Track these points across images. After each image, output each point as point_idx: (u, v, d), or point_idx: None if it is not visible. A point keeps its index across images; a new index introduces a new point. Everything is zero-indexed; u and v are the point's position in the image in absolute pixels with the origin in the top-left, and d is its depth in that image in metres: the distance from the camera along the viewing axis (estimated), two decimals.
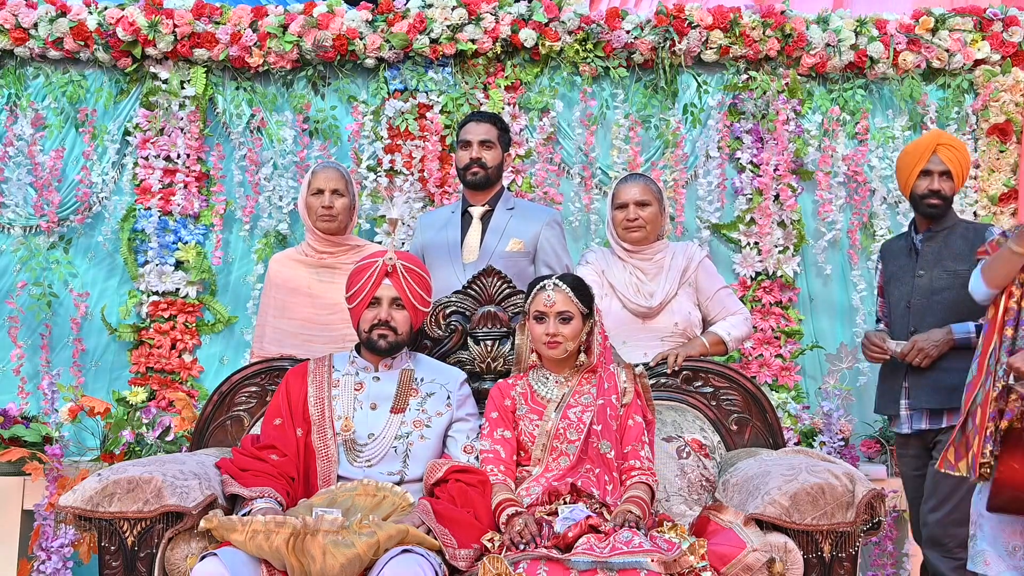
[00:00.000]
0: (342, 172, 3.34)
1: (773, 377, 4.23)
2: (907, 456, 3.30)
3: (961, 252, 3.17)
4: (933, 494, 3.12)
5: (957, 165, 3.20)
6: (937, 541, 3.11)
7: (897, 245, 3.41)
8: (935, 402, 3.13)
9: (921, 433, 3.20)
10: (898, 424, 3.27)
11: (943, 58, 4.32)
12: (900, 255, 3.34)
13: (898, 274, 3.31)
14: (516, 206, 3.41)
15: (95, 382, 4.23)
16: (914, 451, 3.26)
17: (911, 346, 3.13)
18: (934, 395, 3.13)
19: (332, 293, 3.15)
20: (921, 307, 3.19)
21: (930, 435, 3.19)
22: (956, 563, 3.06)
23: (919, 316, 3.19)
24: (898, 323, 3.27)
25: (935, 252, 3.22)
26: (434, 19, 4.23)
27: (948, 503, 3.06)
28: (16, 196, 4.24)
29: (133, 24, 4.18)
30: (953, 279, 3.14)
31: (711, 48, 4.30)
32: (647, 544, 2.11)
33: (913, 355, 3.12)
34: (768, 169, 4.25)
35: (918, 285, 3.22)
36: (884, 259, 3.44)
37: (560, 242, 3.38)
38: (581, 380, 2.65)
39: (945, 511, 3.06)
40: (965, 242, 3.19)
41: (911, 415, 3.21)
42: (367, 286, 2.64)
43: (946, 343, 3.10)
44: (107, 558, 2.33)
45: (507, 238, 3.31)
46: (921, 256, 3.24)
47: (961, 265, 3.14)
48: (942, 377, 3.11)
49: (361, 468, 2.57)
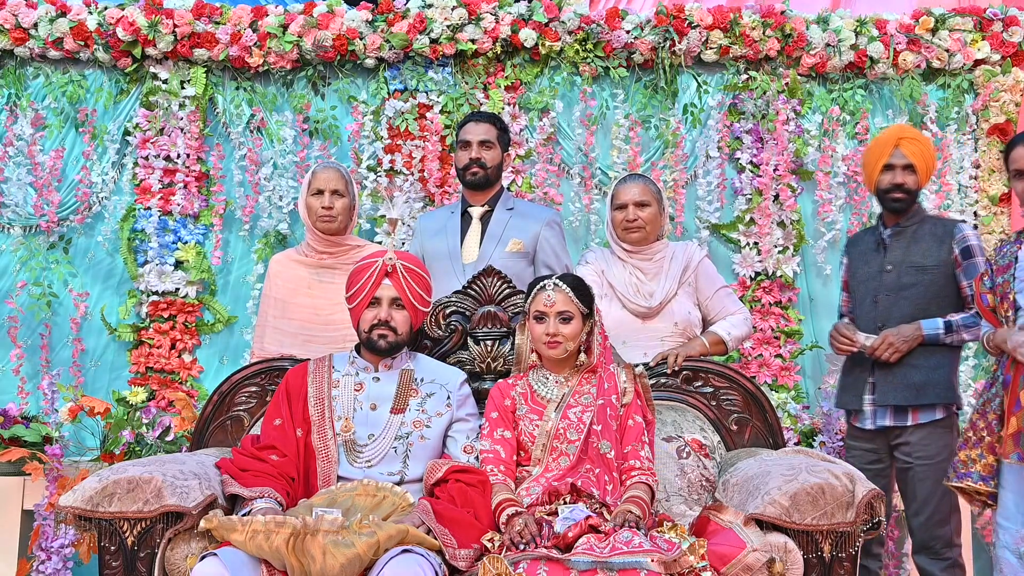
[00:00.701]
0: (342, 172, 3.34)
1: (773, 377, 4.23)
2: (860, 450, 3.26)
3: (929, 248, 3.16)
4: (913, 499, 3.12)
5: (920, 159, 3.19)
6: (924, 544, 3.11)
7: (864, 240, 3.39)
8: (902, 399, 3.11)
9: (884, 430, 3.19)
10: (860, 419, 3.24)
11: (943, 58, 4.32)
12: (867, 250, 3.32)
13: (864, 268, 3.29)
14: (515, 206, 3.40)
15: (95, 382, 4.23)
16: (873, 447, 3.23)
17: (881, 340, 3.11)
18: (901, 392, 3.12)
19: (332, 293, 3.15)
20: (888, 302, 3.18)
21: (893, 432, 3.17)
22: (944, 563, 3.07)
23: (886, 311, 3.18)
24: (865, 318, 3.25)
25: (903, 247, 3.20)
26: (434, 19, 4.23)
27: (928, 505, 3.07)
28: (16, 196, 4.24)
29: (133, 24, 4.18)
30: (921, 275, 3.14)
31: (711, 48, 4.30)
32: (647, 544, 2.11)
33: (883, 350, 3.10)
34: (768, 169, 4.25)
35: (885, 280, 3.20)
36: (850, 254, 3.42)
37: (560, 242, 3.38)
38: (581, 380, 2.65)
39: (927, 514, 3.07)
40: (933, 237, 3.17)
41: (875, 411, 3.19)
42: (367, 286, 2.65)
43: (915, 339, 3.09)
44: (107, 558, 2.33)
45: (507, 238, 3.30)
46: (889, 251, 3.22)
47: (929, 260, 3.14)
48: (910, 374, 3.10)
49: (361, 468, 2.56)
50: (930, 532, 3.08)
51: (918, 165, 3.19)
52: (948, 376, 3.13)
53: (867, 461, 3.21)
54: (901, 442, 3.15)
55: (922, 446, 3.09)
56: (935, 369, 3.10)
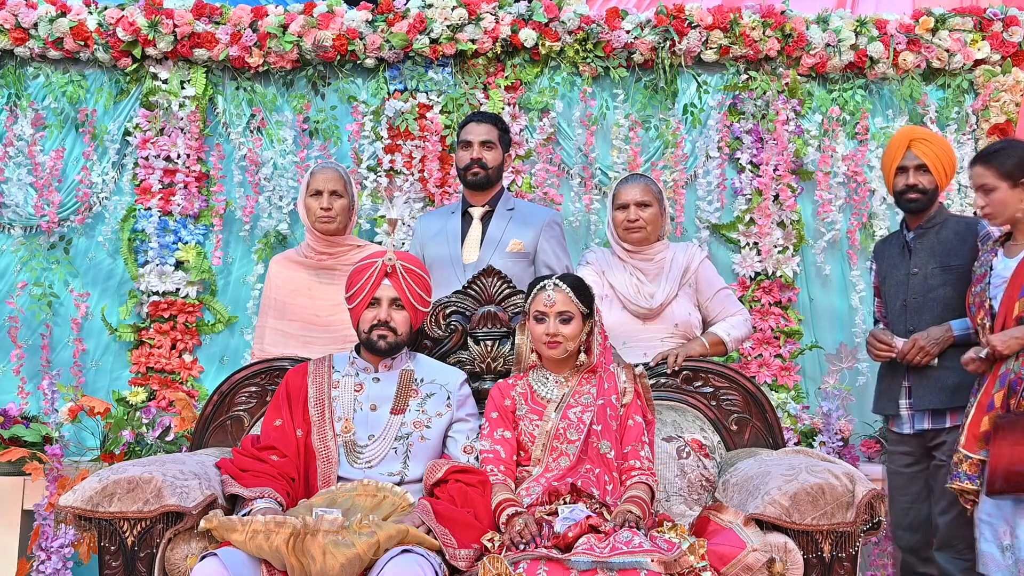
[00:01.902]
0: (341, 173, 3.34)
1: (772, 377, 4.22)
2: (899, 453, 3.27)
3: (953, 247, 3.15)
4: (942, 496, 3.10)
5: (933, 158, 3.18)
6: (947, 542, 3.10)
7: (890, 244, 3.39)
8: (938, 402, 3.10)
9: (922, 433, 3.19)
10: (898, 424, 3.25)
11: (943, 58, 4.32)
12: (893, 254, 3.32)
13: (892, 273, 3.29)
14: (516, 207, 3.40)
15: (95, 382, 4.23)
16: (910, 449, 3.23)
17: (911, 344, 3.11)
18: (937, 395, 3.11)
19: (332, 294, 3.15)
20: (917, 305, 3.18)
21: (930, 435, 3.17)
22: (966, 564, 3.06)
23: (916, 314, 3.18)
24: (895, 322, 3.25)
25: (927, 249, 3.20)
26: (434, 19, 4.23)
27: (958, 505, 3.05)
28: (16, 196, 4.24)
29: (133, 24, 4.18)
30: (947, 275, 3.13)
31: (711, 48, 4.30)
32: (647, 544, 2.11)
33: (913, 354, 3.10)
34: (768, 169, 4.25)
35: (913, 283, 3.20)
36: (878, 259, 3.42)
37: (560, 243, 3.38)
38: (581, 380, 2.65)
39: (954, 513, 3.05)
40: (957, 236, 3.17)
41: (912, 415, 3.19)
42: (367, 286, 2.64)
43: (946, 340, 3.08)
44: (107, 558, 2.33)
45: (507, 239, 3.30)
46: (914, 254, 3.22)
47: (955, 260, 3.12)
48: (944, 376, 3.09)
49: (361, 469, 2.56)
50: (955, 531, 3.06)
51: (931, 164, 3.17)
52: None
53: (904, 464, 3.23)
54: (939, 442, 3.14)
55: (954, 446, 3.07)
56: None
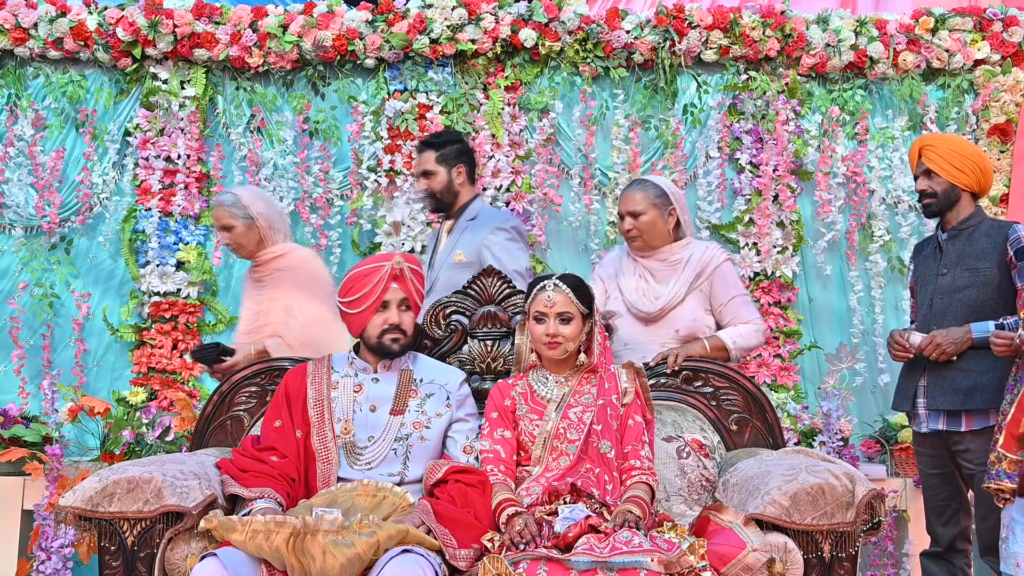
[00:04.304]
0: (226, 204, 3.37)
1: (772, 377, 4.23)
2: (923, 455, 3.27)
3: (984, 250, 3.13)
4: (981, 503, 3.09)
5: (938, 159, 3.18)
6: (989, 548, 3.09)
7: (926, 245, 3.39)
8: (951, 403, 3.08)
9: (938, 433, 3.17)
10: (916, 422, 3.23)
11: (943, 58, 4.33)
12: (927, 255, 3.32)
13: (924, 273, 3.29)
14: (478, 215, 3.41)
15: (96, 382, 4.24)
16: (930, 450, 3.22)
17: (929, 339, 3.09)
18: (951, 396, 3.08)
19: (267, 301, 3.33)
20: (943, 304, 3.16)
21: (948, 437, 3.14)
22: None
23: (940, 315, 3.16)
24: (922, 321, 3.24)
25: (958, 251, 3.19)
26: (434, 19, 4.23)
27: (995, 511, 3.02)
28: (17, 197, 4.25)
29: (133, 24, 4.18)
30: (974, 277, 3.11)
31: (711, 48, 4.30)
32: (647, 544, 2.11)
33: (930, 349, 3.08)
34: (767, 169, 4.25)
35: (941, 284, 3.19)
36: (914, 259, 3.43)
37: (503, 247, 3.30)
38: (581, 380, 2.65)
39: (993, 520, 3.03)
40: (988, 239, 3.14)
41: (928, 415, 3.17)
42: (376, 291, 2.63)
43: (964, 341, 3.05)
44: (107, 558, 2.33)
45: (456, 250, 3.34)
46: (945, 255, 3.21)
47: (983, 263, 3.10)
48: (959, 378, 3.07)
49: (361, 470, 2.56)
50: (996, 536, 3.03)
51: (937, 167, 3.18)
52: (998, 381, 3.02)
53: (932, 467, 3.22)
54: (961, 448, 3.11)
55: (982, 452, 3.03)
56: (984, 373, 3.04)
